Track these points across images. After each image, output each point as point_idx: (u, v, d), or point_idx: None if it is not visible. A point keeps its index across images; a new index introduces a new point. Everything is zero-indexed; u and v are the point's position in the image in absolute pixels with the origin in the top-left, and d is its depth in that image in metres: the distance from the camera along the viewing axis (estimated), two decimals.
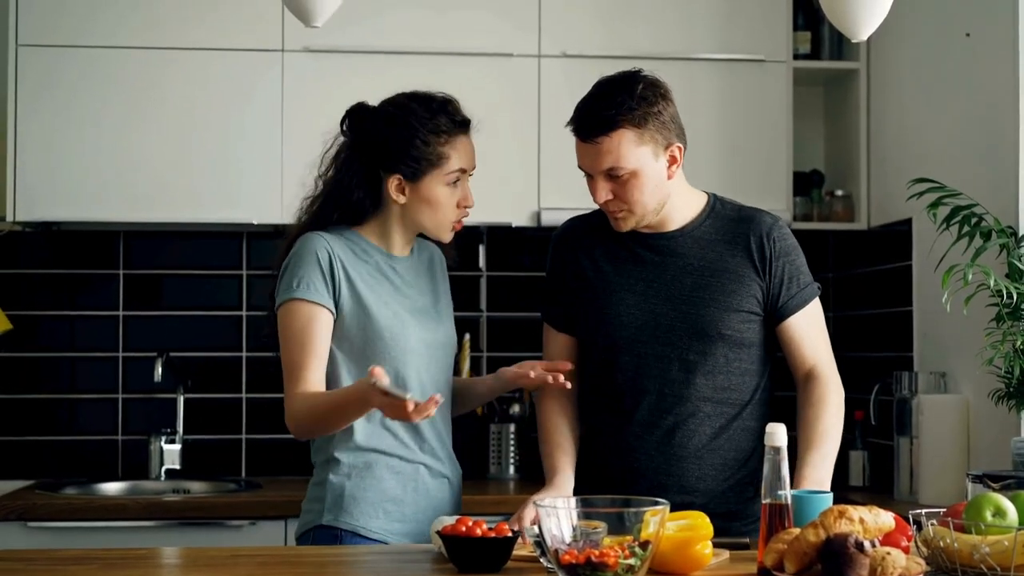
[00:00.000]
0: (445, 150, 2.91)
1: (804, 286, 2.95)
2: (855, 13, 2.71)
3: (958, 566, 2.19)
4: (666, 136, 2.87)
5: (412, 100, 2.94)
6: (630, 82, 2.90)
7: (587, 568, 2.11)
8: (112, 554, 2.71)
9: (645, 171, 2.85)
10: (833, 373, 2.95)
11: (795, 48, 4.63)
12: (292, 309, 2.85)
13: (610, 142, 2.83)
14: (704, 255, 2.94)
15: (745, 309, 2.92)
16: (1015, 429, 3.60)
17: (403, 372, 2.90)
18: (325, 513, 2.87)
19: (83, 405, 4.67)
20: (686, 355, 2.92)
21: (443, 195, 2.92)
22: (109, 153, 4.30)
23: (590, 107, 2.89)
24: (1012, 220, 3.63)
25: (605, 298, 2.98)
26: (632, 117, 2.83)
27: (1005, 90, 3.71)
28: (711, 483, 2.92)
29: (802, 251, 3.00)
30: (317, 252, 2.87)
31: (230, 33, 4.35)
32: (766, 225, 2.95)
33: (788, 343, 2.96)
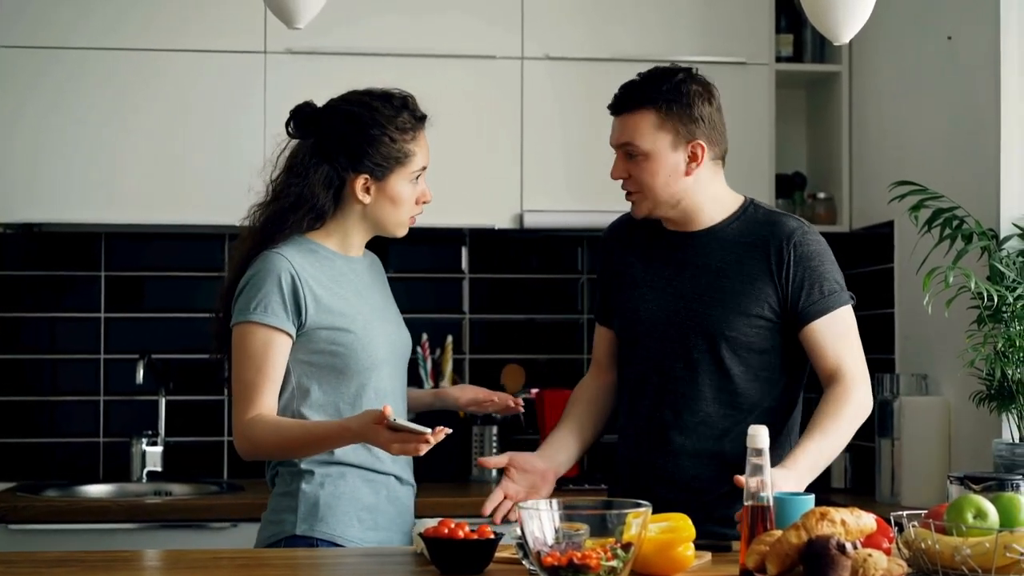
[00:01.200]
0: (411, 147, 2.90)
1: (828, 293, 2.89)
2: (837, 16, 2.71)
3: (939, 568, 2.20)
4: (690, 131, 2.90)
5: (373, 98, 2.91)
6: (673, 72, 2.94)
7: (569, 570, 2.11)
8: (94, 556, 2.70)
9: (659, 157, 2.88)
10: (856, 382, 2.87)
11: (777, 51, 4.64)
12: (249, 331, 2.81)
13: (632, 118, 2.90)
14: (723, 256, 2.94)
15: (754, 313, 2.90)
16: (996, 431, 3.61)
17: (374, 379, 2.89)
18: (299, 523, 2.84)
19: (64, 407, 4.66)
20: (691, 354, 2.93)
21: (406, 192, 2.91)
22: (90, 155, 4.29)
23: (628, 84, 2.96)
24: (993, 223, 3.64)
25: (629, 293, 3.03)
26: (659, 101, 2.88)
27: (986, 93, 3.73)
28: (709, 484, 2.91)
29: (834, 260, 2.96)
30: (279, 275, 2.81)
31: (212, 35, 4.34)
32: (788, 230, 2.93)
33: (810, 350, 2.91)
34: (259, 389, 2.80)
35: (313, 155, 2.89)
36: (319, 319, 2.83)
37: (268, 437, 2.78)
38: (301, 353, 2.85)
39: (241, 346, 2.83)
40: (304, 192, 2.88)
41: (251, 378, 2.80)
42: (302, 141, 2.93)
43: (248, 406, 2.79)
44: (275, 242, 2.88)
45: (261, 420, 2.78)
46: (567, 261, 4.86)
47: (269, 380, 2.80)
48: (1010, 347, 3.42)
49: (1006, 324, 3.43)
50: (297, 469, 2.87)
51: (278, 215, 2.90)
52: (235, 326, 2.84)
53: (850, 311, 2.94)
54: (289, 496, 2.88)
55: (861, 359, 2.92)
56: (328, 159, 2.88)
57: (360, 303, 2.92)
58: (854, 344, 2.92)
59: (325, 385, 2.86)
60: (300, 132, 2.93)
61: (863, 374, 2.90)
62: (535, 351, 4.83)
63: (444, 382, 4.61)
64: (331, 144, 2.88)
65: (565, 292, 4.85)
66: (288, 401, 2.87)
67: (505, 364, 4.78)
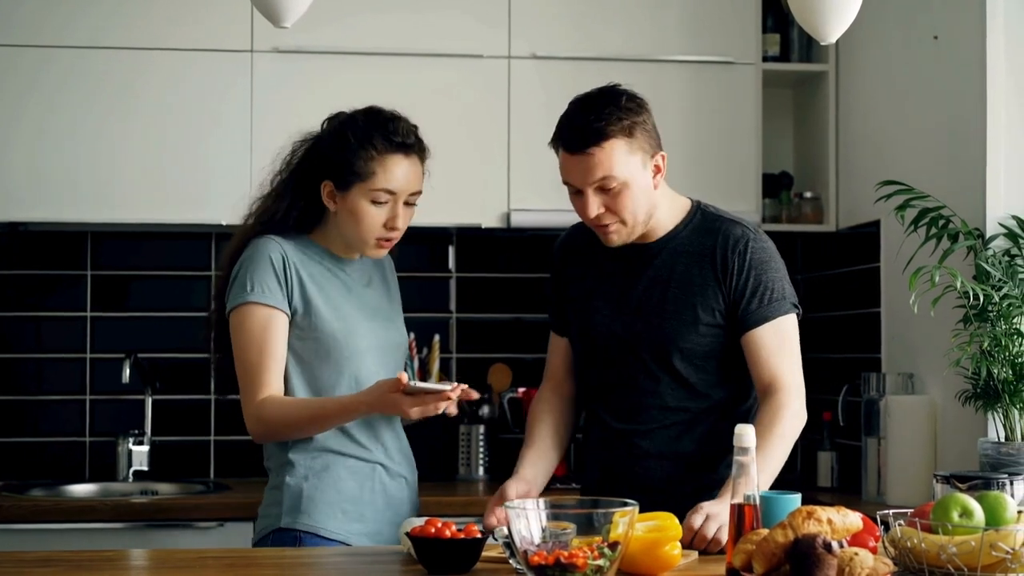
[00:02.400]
0: (372, 166, 2.90)
1: (771, 301, 2.91)
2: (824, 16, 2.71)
3: (925, 566, 2.20)
4: (652, 145, 2.89)
5: (363, 113, 2.96)
6: (613, 94, 2.88)
7: (556, 569, 2.11)
8: (79, 556, 2.70)
9: (636, 181, 2.85)
10: (791, 395, 2.87)
11: (764, 50, 4.64)
12: (248, 312, 2.85)
13: (602, 152, 2.81)
14: (674, 267, 2.96)
15: (705, 323, 2.92)
16: (982, 430, 3.62)
17: (355, 373, 2.91)
18: (283, 516, 2.86)
19: (50, 406, 4.64)
20: (649, 366, 2.96)
21: (367, 211, 2.91)
22: (76, 153, 4.28)
23: (578, 120, 2.85)
24: (979, 222, 3.65)
25: (584, 306, 3.04)
26: (622, 127, 2.82)
27: (972, 93, 3.73)
28: (674, 484, 2.94)
29: (782, 268, 2.96)
30: (270, 255, 2.87)
31: (199, 34, 4.33)
32: (734, 237, 2.94)
33: (748, 357, 2.92)
34: (265, 368, 2.83)
35: (304, 156, 2.98)
36: (303, 304, 2.88)
37: (280, 417, 2.82)
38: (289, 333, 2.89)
39: (241, 328, 2.86)
40: (287, 187, 2.96)
41: (255, 359, 2.83)
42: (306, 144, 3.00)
43: (256, 388, 2.82)
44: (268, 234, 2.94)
45: (272, 401, 2.82)
46: None
47: (273, 359, 2.84)
48: (996, 346, 3.42)
49: (992, 323, 3.44)
50: (283, 461, 2.88)
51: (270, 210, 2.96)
52: (233, 311, 2.87)
53: (792, 321, 2.94)
54: (276, 489, 2.91)
55: (797, 370, 2.93)
56: (308, 159, 2.96)
57: (343, 300, 2.95)
58: (792, 354, 2.92)
59: (309, 371, 2.89)
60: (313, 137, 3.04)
61: (798, 385, 2.90)
62: (522, 350, 4.82)
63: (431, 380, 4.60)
64: (316, 150, 2.96)
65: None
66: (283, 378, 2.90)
67: (492, 363, 4.78)
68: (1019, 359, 3.41)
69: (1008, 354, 3.42)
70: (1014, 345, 3.42)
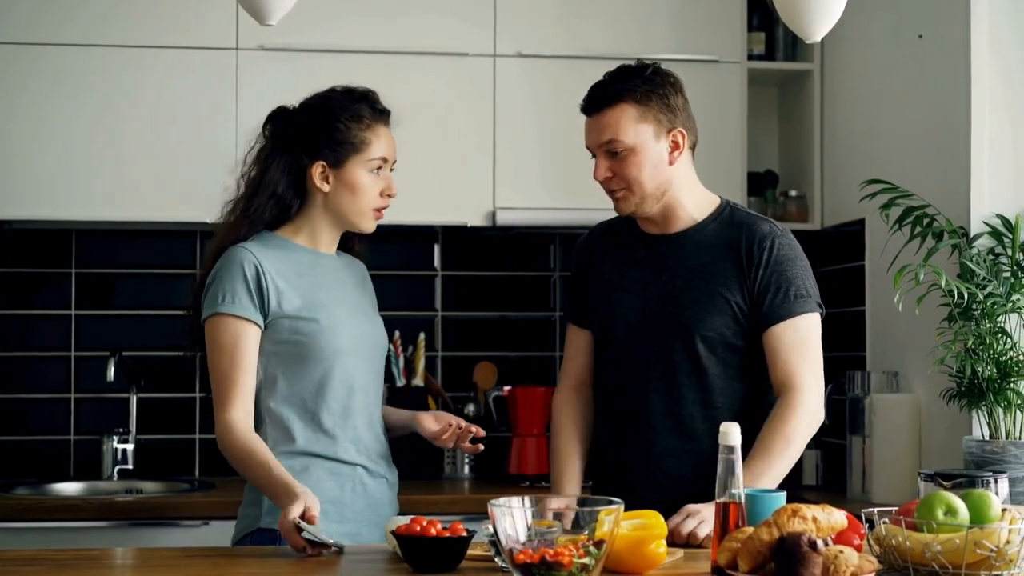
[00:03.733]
0: (367, 135, 2.94)
1: (794, 298, 2.91)
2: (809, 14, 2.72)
3: (910, 564, 2.21)
4: (669, 120, 2.93)
5: (334, 92, 2.99)
6: (642, 67, 2.97)
7: (541, 567, 2.11)
8: (64, 555, 2.69)
9: (644, 149, 2.90)
10: (804, 394, 2.86)
11: (749, 49, 4.65)
12: (220, 324, 2.86)
13: (611, 114, 2.90)
14: (699, 258, 2.96)
15: (728, 313, 2.92)
16: (966, 428, 3.63)
17: (342, 373, 2.92)
18: (263, 516, 2.86)
19: (35, 405, 4.63)
20: (670, 355, 2.95)
21: (366, 181, 2.94)
22: (60, 151, 4.27)
23: (599, 84, 2.96)
24: (963, 221, 3.66)
25: (607, 297, 3.05)
26: (635, 93, 2.90)
27: (957, 92, 3.74)
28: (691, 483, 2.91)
29: (808, 267, 2.97)
30: (243, 266, 2.87)
31: (184, 31, 4.32)
32: (760, 233, 2.95)
33: (767, 354, 2.92)
34: (235, 380, 2.83)
35: (274, 146, 2.97)
36: (283, 309, 2.88)
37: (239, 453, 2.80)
38: (268, 343, 2.89)
39: (213, 339, 2.87)
40: (265, 181, 2.95)
41: (226, 369, 2.84)
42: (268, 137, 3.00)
43: (227, 398, 2.82)
44: (242, 237, 2.94)
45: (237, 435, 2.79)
46: (540, 259, 4.86)
47: (243, 370, 2.84)
48: (980, 345, 3.43)
49: (976, 322, 3.45)
50: None
51: (243, 207, 2.96)
52: (206, 320, 2.88)
53: (815, 319, 2.94)
54: (255, 490, 2.90)
55: (816, 369, 2.92)
56: (287, 149, 2.95)
57: (326, 295, 2.95)
58: (812, 353, 2.92)
59: (290, 375, 2.90)
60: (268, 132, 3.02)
61: (815, 384, 2.90)
62: (508, 348, 4.83)
63: (416, 379, 4.60)
64: (291, 135, 2.96)
65: (538, 290, 4.85)
66: (257, 393, 2.90)
67: (478, 362, 4.78)
68: (1003, 357, 3.42)
69: (992, 352, 3.42)
70: (998, 343, 3.43)
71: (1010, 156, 3.71)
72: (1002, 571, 2.19)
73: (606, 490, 2.96)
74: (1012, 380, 3.41)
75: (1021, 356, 3.42)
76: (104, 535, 3.91)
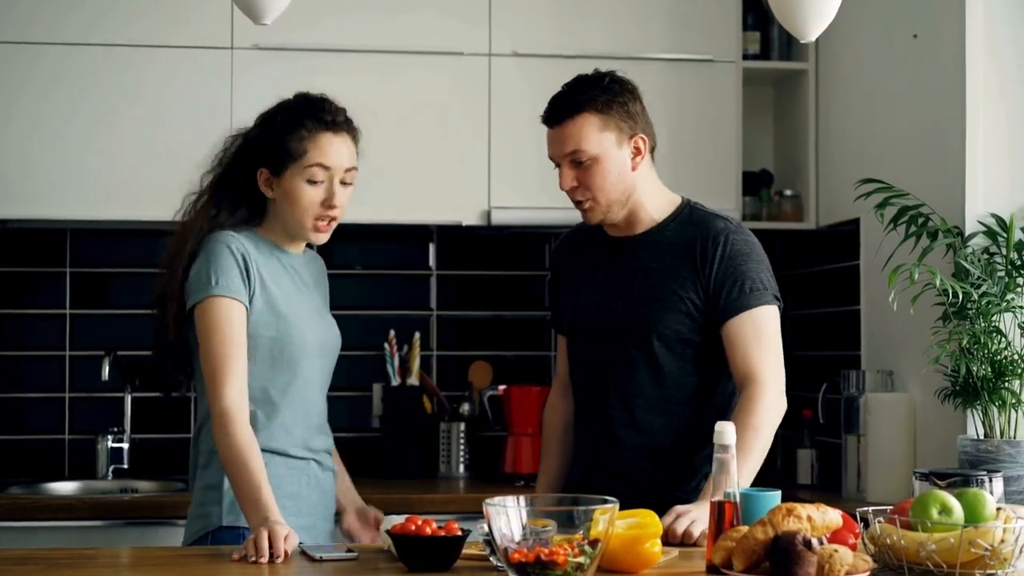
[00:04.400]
0: (303, 145, 2.91)
1: (750, 291, 2.94)
2: (804, 14, 2.72)
3: (905, 563, 2.21)
4: (630, 126, 2.97)
5: (292, 99, 3.00)
6: (599, 76, 3.01)
7: (536, 566, 2.11)
8: (59, 554, 2.69)
9: (607, 157, 2.94)
10: (766, 385, 2.89)
11: (744, 48, 4.65)
12: (214, 305, 2.84)
13: (573, 125, 2.93)
14: (658, 258, 3.01)
15: (683, 310, 2.97)
16: (961, 427, 3.63)
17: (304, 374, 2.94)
18: (224, 515, 2.86)
19: (30, 404, 4.63)
20: (629, 352, 3.01)
21: (304, 191, 2.91)
22: (55, 150, 4.26)
23: (559, 95, 3.00)
24: (958, 220, 3.66)
25: (575, 299, 3.13)
26: (596, 103, 2.94)
27: (952, 91, 3.74)
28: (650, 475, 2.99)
29: (764, 261, 3.00)
30: (231, 248, 2.87)
31: (179, 30, 4.32)
32: (715, 229, 2.99)
33: (727, 348, 2.95)
34: (231, 360, 2.81)
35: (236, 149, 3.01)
36: (260, 301, 2.89)
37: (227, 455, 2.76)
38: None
39: (207, 321, 2.84)
40: (227, 183, 2.98)
41: (220, 350, 2.82)
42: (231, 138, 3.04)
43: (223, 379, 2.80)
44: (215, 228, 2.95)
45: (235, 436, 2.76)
46: (535, 258, 4.85)
47: (239, 350, 2.83)
48: (975, 344, 3.44)
49: (971, 321, 3.45)
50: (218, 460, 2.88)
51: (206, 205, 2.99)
52: (198, 305, 2.86)
53: (772, 312, 2.97)
54: (213, 489, 2.89)
55: (776, 360, 2.94)
56: (241, 152, 2.99)
57: (295, 296, 2.97)
58: (770, 344, 2.94)
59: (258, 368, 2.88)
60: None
61: (775, 375, 2.92)
62: (502, 348, 4.82)
63: (412, 379, 4.60)
64: (247, 138, 3.00)
65: (532, 289, 4.85)
66: None
67: (472, 361, 4.78)
68: (998, 357, 3.42)
69: (987, 352, 3.43)
70: (993, 343, 3.43)
71: (1005, 155, 3.71)
72: (996, 570, 2.19)
73: (582, 485, 3.03)
74: (1007, 379, 3.41)
75: (1016, 355, 3.43)
76: (99, 534, 3.90)
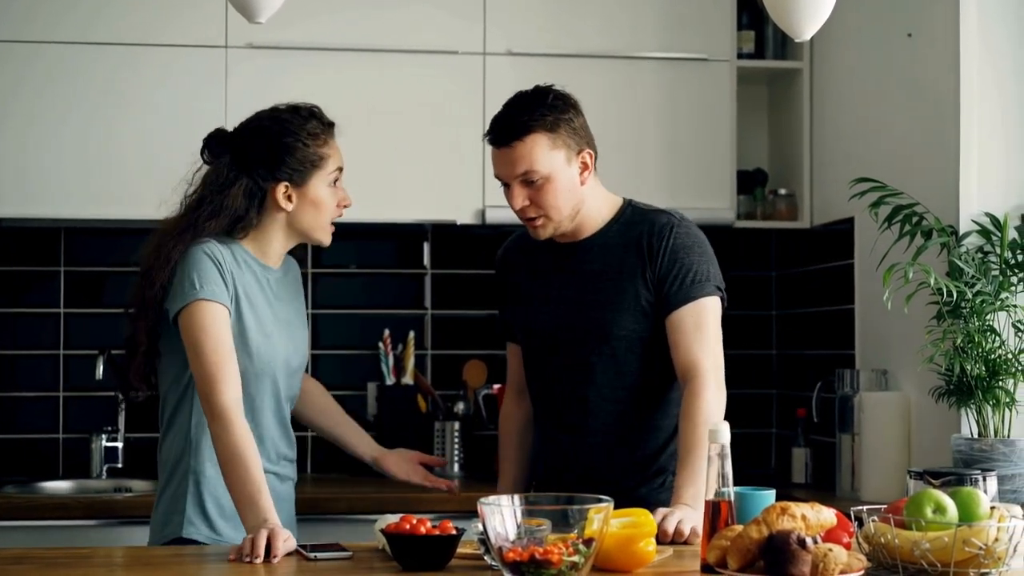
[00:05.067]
0: (324, 151, 2.96)
1: (692, 283, 2.96)
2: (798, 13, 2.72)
3: (899, 562, 2.21)
4: (577, 143, 2.98)
5: (281, 112, 3.00)
6: (542, 93, 3.00)
7: (531, 566, 2.11)
8: (53, 553, 2.69)
9: (558, 176, 2.95)
10: (707, 377, 2.90)
11: (739, 47, 4.65)
12: (200, 309, 2.84)
13: (524, 146, 2.93)
14: (605, 260, 3.03)
15: (637, 310, 2.99)
16: (955, 426, 3.63)
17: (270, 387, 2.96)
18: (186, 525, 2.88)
19: (24, 403, 4.63)
20: (587, 357, 3.03)
21: (326, 195, 2.97)
22: (48, 149, 4.25)
23: (504, 115, 2.99)
24: (952, 219, 3.66)
25: (524, 309, 3.15)
26: (545, 122, 2.94)
27: (946, 90, 3.75)
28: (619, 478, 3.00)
29: (708, 254, 3.02)
30: (213, 255, 2.88)
31: (172, 28, 4.32)
32: (659, 224, 3.01)
33: (669, 340, 2.97)
34: (224, 361, 2.81)
35: (231, 169, 2.96)
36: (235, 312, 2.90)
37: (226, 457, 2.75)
38: None
39: (195, 326, 2.84)
40: (225, 204, 2.94)
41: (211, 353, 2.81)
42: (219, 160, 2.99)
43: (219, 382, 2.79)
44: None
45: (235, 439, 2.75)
46: None
47: (229, 351, 2.83)
48: (969, 343, 3.44)
49: (965, 320, 3.45)
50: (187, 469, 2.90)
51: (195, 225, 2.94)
52: (183, 310, 2.85)
53: (713, 303, 2.99)
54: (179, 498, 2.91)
55: (715, 350, 2.96)
56: (247, 171, 2.95)
57: (267, 313, 2.98)
58: (709, 335, 2.96)
59: None
60: (213, 155, 3.02)
61: (714, 365, 2.93)
62: (497, 347, 4.80)
63: (406, 378, 4.60)
64: (249, 157, 2.96)
65: None
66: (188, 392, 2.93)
67: (467, 360, 4.78)
68: (992, 356, 3.43)
69: (981, 351, 3.43)
70: (987, 342, 3.43)
71: (999, 155, 3.71)
72: (990, 569, 2.19)
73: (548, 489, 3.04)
74: (1001, 378, 3.42)
75: (1010, 354, 3.43)
76: (93, 534, 3.90)
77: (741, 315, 4.76)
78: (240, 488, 2.72)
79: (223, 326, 2.84)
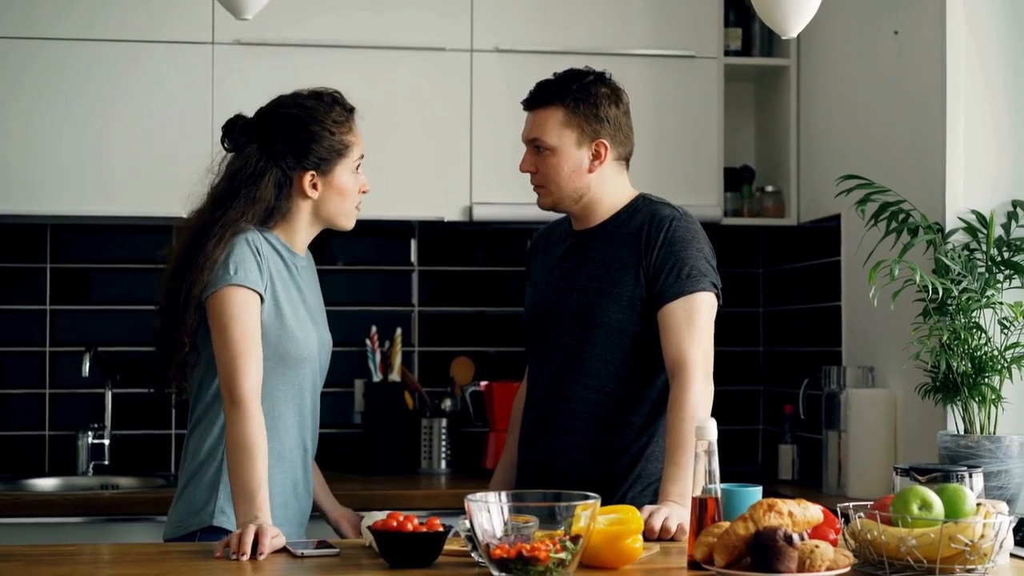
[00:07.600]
0: (349, 138, 2.98)
1: (685, 278, 2.96)
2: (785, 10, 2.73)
3: (885, 559, 2.21)
4: (595, 130, 3.01)
5: (305, 98, 2.99)
6: (586, 74, 3.07)
7: (518, 562, 2.12)
8: (39, 551, 2.69)
9: (563, 153, 3.01)
10: (694, 372, 2.90)
11: (726, 44, 4.65)
12: (231, 295, 2.83)
13: (542, 114, 3.04)
14: (605, 247, 3.06)
15: (626, 302, 3.01)
16: (941, 423, 3.64)
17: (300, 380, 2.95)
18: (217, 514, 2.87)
19: (9, 400, 4.62)
20: (569, 342, 3.06)
21: (350, 182, 2.99)
22: (35, 146, 4.24)
23: (542, 82, 3.09)
24: (939, 216, 3.67)
25: (532, 292, 3.21)
26: (567, 100, 3.01)
27: (932, 88, 3.75)
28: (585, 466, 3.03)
29: (706, 250, 3.03)
30: (249, 242, 2.88)
31: (159, 25, 4.31)
32: (658, 217, 3.03)
33: (661, 334, 2.97)
34: (253, 352, 2.81)
35: (260, 159, 2.94)
36: (272, 300, 2.90)
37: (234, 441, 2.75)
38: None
39: (223, 311, 2.83)
40: (258, 196, 2.93)
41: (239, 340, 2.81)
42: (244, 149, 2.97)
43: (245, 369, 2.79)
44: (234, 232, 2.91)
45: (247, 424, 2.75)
46: (517, 254, 4.85)
47: (258, 340, 2.84)
48: (955, 340, 3.44)
49: (951, 317, 3.46)
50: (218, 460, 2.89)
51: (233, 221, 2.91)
52: (214, 294, 2.84)
53: (707, 298, 2.99)
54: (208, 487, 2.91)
55: (705, 345, 2.96)
56: (276, 161, 2.94)
57: (299, 302, 2.98)
58: (700, 331, 2.96)
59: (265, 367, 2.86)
60: (237, 144, 3.00)
61: (702, 360, 2.93)
62: (485, 344, 4.82)
63: (393, 375, 4.60)
64: (276, 146, 2.94)
65: (514, 285, 4.85)
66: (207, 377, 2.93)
67: (455, 357, 4.78)
68: (978, 353, 3.43)
69: (967, 348, 3.44)
70: (973, 339, 3.44)
71: (985, 152, 3.72)
72: (976, 565, 2.20)
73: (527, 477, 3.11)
74: (987, 375, 3.42)
75: (996, 351, 3.44)
76: (80, 531, 3.89)
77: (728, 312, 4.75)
78: (242, 479, 2.72)
79: (252, 314, 2.84)
